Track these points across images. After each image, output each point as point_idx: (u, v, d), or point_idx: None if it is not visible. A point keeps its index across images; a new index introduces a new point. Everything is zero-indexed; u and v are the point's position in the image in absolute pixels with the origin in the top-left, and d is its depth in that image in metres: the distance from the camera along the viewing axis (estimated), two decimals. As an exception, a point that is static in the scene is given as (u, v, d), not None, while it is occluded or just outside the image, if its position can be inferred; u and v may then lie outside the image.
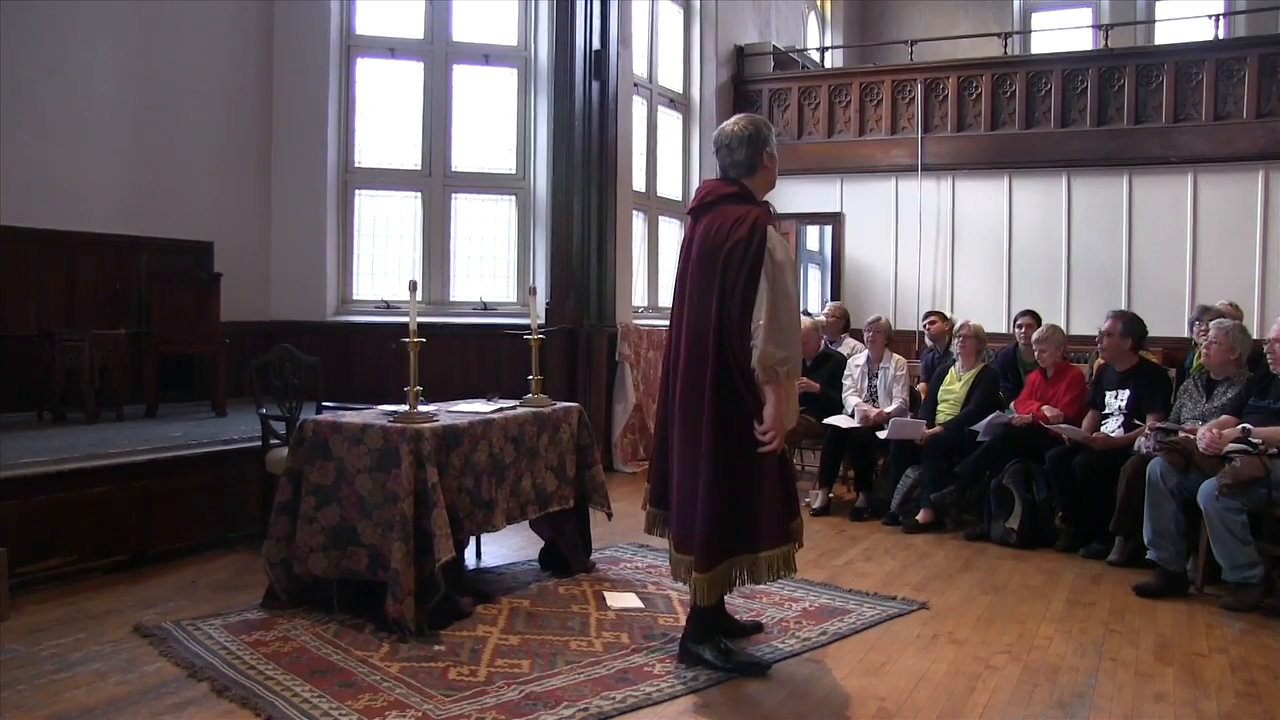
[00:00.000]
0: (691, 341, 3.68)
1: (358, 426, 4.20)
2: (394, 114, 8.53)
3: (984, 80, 9.80)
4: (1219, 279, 8.74)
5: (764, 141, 3.74)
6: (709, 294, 3.62)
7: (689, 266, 3.78)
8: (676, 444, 3.73)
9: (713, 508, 3.58)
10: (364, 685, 3.50)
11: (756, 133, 3.73)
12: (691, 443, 3.63)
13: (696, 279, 3.70)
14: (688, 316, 3.72)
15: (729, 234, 3.59)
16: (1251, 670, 3.86)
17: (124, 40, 7.02)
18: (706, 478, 3.58)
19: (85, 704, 3.31)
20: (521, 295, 8.52)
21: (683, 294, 3.81)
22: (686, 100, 10.54)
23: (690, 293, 3.73)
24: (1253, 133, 8.76)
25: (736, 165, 3.75)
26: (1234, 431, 4.57)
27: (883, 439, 6.51)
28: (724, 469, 3.58)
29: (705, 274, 3.65)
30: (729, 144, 3.75)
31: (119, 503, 4.95)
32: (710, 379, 3.58)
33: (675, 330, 3.83)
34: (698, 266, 3.70)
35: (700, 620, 3.79)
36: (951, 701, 3.49)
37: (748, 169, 3.74)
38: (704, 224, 3.73)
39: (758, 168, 3.75)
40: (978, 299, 9.75)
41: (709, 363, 3.59)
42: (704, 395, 3.59)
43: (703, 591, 3.63)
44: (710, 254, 3.64)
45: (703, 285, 3.66)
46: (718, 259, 3.59)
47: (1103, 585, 5.01)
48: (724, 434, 3.57)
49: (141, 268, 7.05)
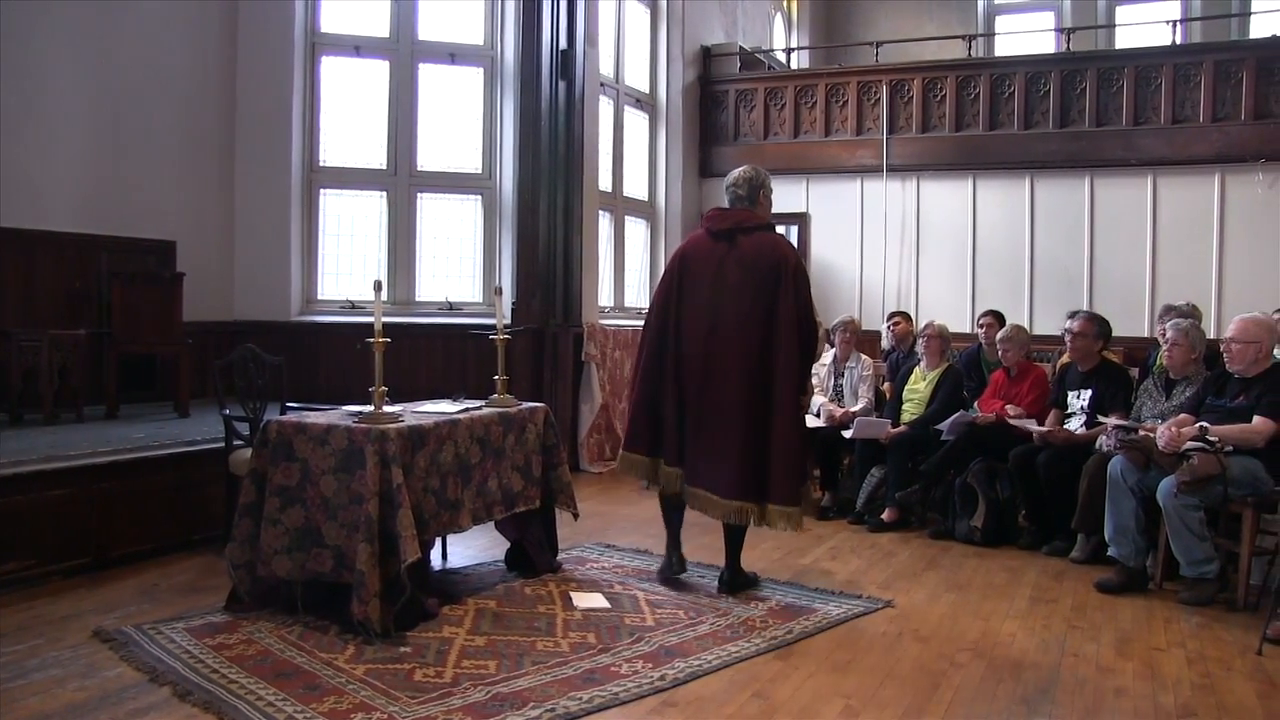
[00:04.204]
0: (751, 338, 4.60)
1: (322, 427, 4.17)
2: (359, 113, 8.47)
3: (948, 82, 9.87)
4: (1178, 279, 8.85)
5: (762, 183, 4.86)
6: (767, 300, 4.59)
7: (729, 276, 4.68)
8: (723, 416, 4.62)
9: (792, 453, 4.61)
10: (329, 688, 3.48)
11: (755, 176, 4.87)
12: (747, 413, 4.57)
13: (754, 290, 4.62)
14: (741, 318, 4.63)
15: (778, 255, 4.67)
16: (1207, 663, 3.93)
17: (86, 37, 6.92)
18: (773, 435, 4.56)
19: (42, 711, 3.26)
20: (487, 295, 8.49)
21: (712, 295, 4.69)
22: (653, 100, 10.55)
23: (740, 297, 4.64)
24: (1209, 136, 8.89)
25: (740, 200, 4.84)
26: (1192, 430, 4.64)
27: (848, 438, 6.55)
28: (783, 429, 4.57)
29: (764, 285, 4.61)
30: (736, 183, 4.86)
31: (79, 505, 4.88)
32: (777, 367, 4.56)
33: (700, 323, 4.70)
34: (750, 280, 4.64)
35: (739, 551, 4.79)
36: (916, 698, 3.52)
37: (750, 203, 4.83)
38: (744, 244, 4.71)
39: (757, 203, 4.84)
40: (942, 299, 9.81)
41: (776, 354, 4.57)
42: (775, 374, 4.56)
43: (797, 520, 4.63)
44: (767, 272, 4.62)
45: (762, 291, 4.61)
46: (771, 273, 4.60)
47: (1065, 582, 5.08)
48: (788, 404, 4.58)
49: (102, 267, 6.94)
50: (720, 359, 4.64)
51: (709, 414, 4.66)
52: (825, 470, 6.83)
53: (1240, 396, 4.77)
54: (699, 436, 4.70)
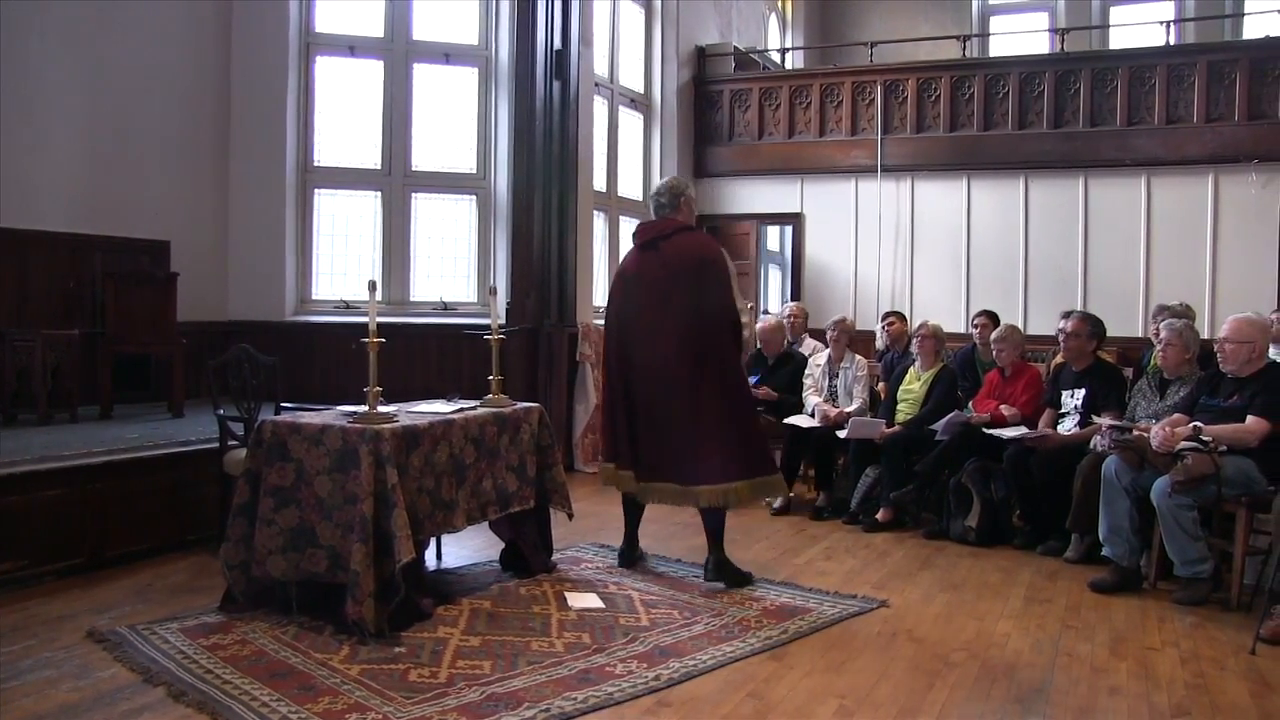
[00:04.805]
0: (681, 333, 4.81)
1: (317, 427, 4.16)
2: (354, 113, 8.46)
3: (943, 82, 9.89)
4: (1172, 279, 8.88)
5: (682, 190, 5.13)
6: (690, 295, 4.82)
7: (656, 281, 4.92)
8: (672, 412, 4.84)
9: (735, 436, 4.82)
10: (324, 688, 3.47)
11: (675, 184, 5.17)
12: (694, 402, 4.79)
13: (676, 287, 4.85)
14: (669, 316, 4.84)
15: (710, 250, 4.99)
16: (1200, 662, 3.94)
17: (80, 37, 6.90)
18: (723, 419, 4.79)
19: (36, 712, 3.26)
20: (482, 295, 8.48)
21: (645, 301, 4.94)
22: (648, 100, 10.55)
23: (667, 297, 4.86)
24: (1202, 136, 8.91)
25: (662, 207, 5.11)
26: (1186, 430, 4.65)
27: (843, 438, 6.56)
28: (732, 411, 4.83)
29: (685, 282, 4.85)
30: (659, 193, 5.15)
31: (73, 505, 4.87)
32: (711, 355, 4.81)
33: (638, 330, 4.96)
34: (673, 279, 4.87)
35: (721, 538, 4.90)
36: (911, 698, 3.53)
37: (672, 209, 5.09)
38: (667, 249, 4.95)
39: (679, 209, 5.10)
40: (936, 299, 9.82)
41: (708, 344, 4.81)
42: (705, 368, 4.79)
43: (745, 496, 4.88)
44: (687, 269, 4.87)
45: (684, 288, 4.84)
46: (694, 270, 4.86)
47: (1059, 582, 5.08)
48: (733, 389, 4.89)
49: (96, 267, 6.93)
50: (662, 359, 4.86)
51: (659, 411, 4.90)
52: (820, 470, 6.85)
53: (1234, 396, 4.78)
54: (652, 434, 4.94)
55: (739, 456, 4.82)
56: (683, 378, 4.81)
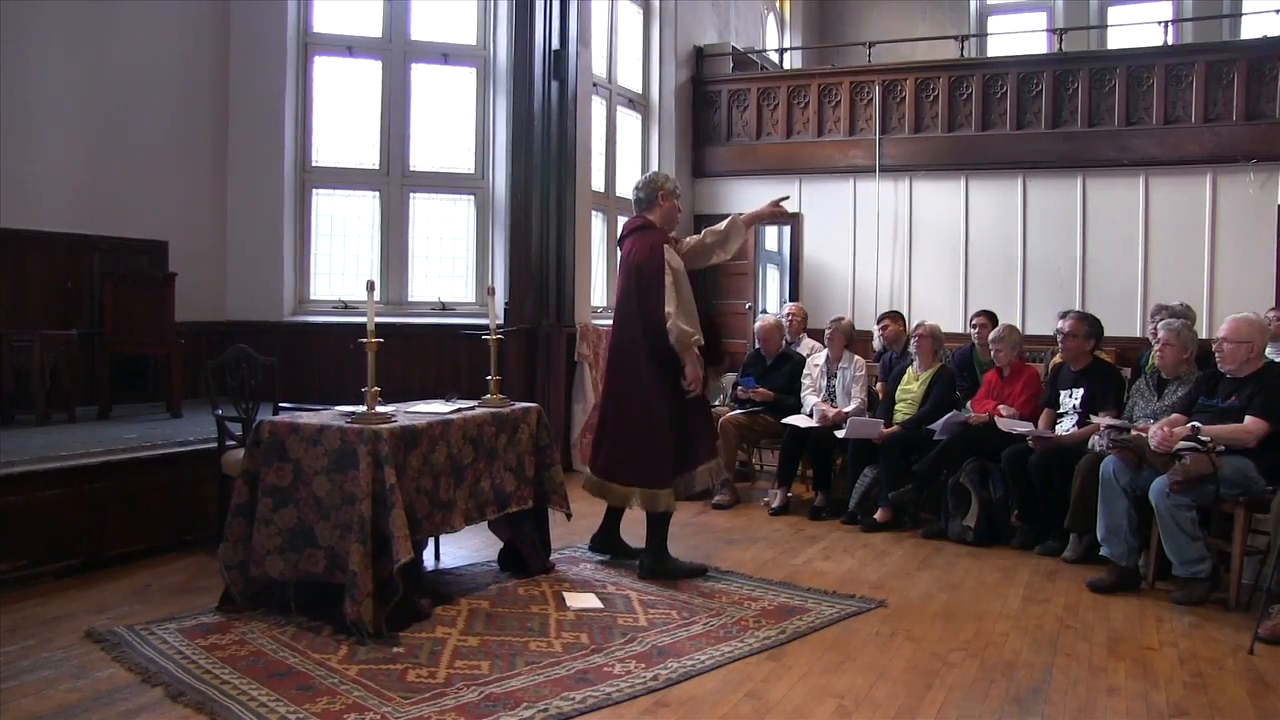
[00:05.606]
0: (622, 332, 5.11)
1: (315, 427, 4.16)
2: (352, 113, 8.44)
3: (941, 82, 9.88)
4: (1170, 279, 8.88)
5: (659, 186, 5.20)
6: (632, 297, 5.01)
7: (619, 279, 5.17)
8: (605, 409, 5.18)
9: (661, 438, 4.96)
10: (322, 688, 3.47)
11: (654, 179, 5.27)
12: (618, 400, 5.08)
13: (622, 286, 5.13)
14: (618, 314, 5.18)
15: (643, 254, 5.01)
16: (1199, 662, 3.94)
17: (78, 37, 6.88)
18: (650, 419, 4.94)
19: (34, 712, 3.26)
20: (480, 295, 8.47)
21: (616, 304, 5.23)
22: (646, 100, 10.55)
23: (620, 297, 5.17)
24: (1200, 136, 8.91)
25: (640, 202, 5.23)
26: (1184, 429, 4.65)
27: (841, 438, 6.56)
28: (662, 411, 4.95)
29: (627, 282, 5.07)
30: (638, 187, 5.28)
31: (71, 506, 4.86)
32: (644, 355, 4.95)
33: (612, 330, 5.27)
34: (623, 278, 5.14)
35: (660, 538, 5.02)
36: (909, 698, 3.53)
37: (649, 205, 5.20)
38: (626, 247, 5.18)
39: (655, 204, 5.18)
40: (935, 299, 9.82)
41: (641, 344, 4.96)
42: (640, 367, 4.96)
43: (668, 500, 4.98)
44: (631, 269, 5.04)
45: (627, 290, 5.07)
46: (640, 271, 4.98)
47: (1057, 582, 5.09)
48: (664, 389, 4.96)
49: (94, 267, 6.92)
50: (611, 355, 5.24)
51: (606, 407, 5.25)
52: (818, 470, 6.85)
53: (1232, 396, 4.79)
54: (600, 428, 5.29)
55: (630, 461, 5.02)
56: (616, 376, 5.15)
